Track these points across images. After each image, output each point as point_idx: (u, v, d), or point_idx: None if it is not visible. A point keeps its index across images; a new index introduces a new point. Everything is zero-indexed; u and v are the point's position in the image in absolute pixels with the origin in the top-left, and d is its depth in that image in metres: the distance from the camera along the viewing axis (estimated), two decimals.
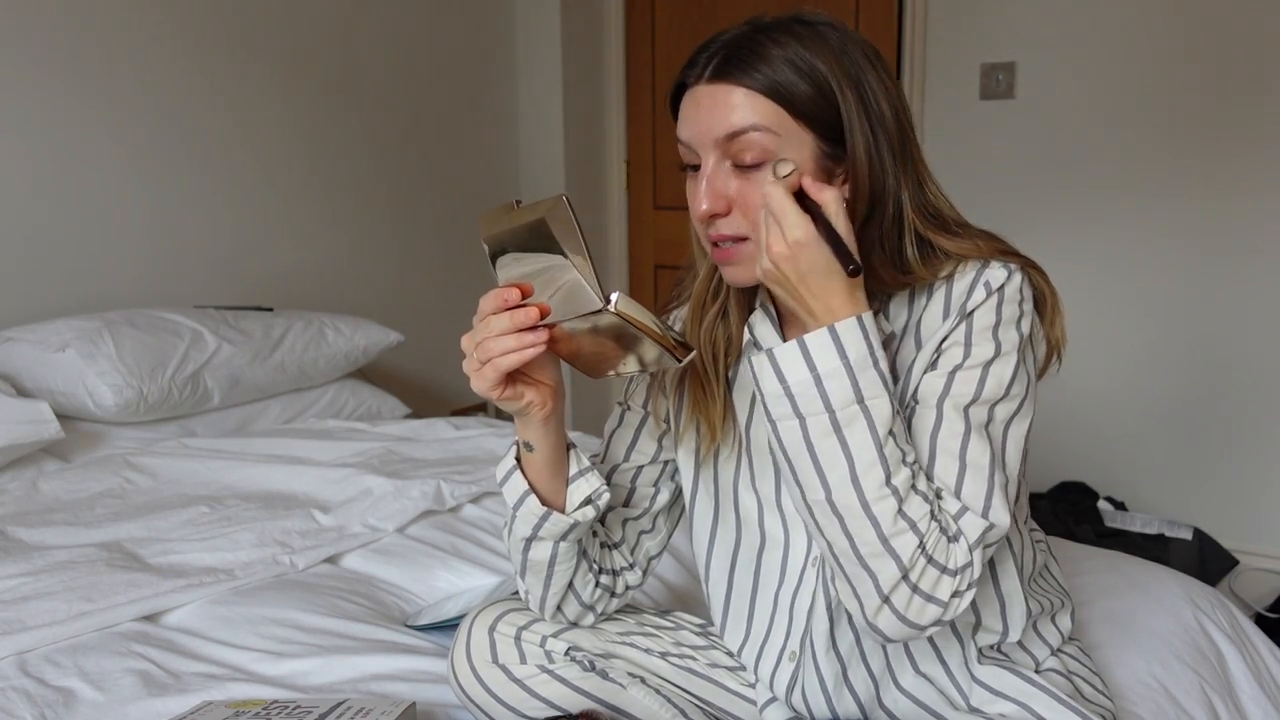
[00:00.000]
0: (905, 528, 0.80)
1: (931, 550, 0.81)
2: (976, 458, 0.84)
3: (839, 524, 0.82)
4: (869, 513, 0.80)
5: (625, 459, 1.07)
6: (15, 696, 1.09)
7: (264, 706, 1.00)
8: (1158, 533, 2.52)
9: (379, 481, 1.75)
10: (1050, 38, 2.71)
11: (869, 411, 0.81)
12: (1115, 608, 1.34)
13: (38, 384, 1.96)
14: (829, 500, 0.82)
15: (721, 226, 0.89)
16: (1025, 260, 0.91)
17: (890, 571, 0.81)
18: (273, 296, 2.64)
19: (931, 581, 0.81)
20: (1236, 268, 2.58)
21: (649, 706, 1.02)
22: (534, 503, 0.94)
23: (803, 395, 0.81)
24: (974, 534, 0.82)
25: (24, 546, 1.50)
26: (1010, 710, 0.93)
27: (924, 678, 0.98)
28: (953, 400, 0.85)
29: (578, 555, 0.99)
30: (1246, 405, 2.61)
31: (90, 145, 2.28)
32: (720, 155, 0.87)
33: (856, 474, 0.80)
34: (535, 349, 0.83)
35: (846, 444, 0.81)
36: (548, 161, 3.38)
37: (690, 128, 0.89)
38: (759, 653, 1.04)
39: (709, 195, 0.88)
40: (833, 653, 0.98)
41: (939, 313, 0.89)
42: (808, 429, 0.81)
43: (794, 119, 0.85)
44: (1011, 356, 0.86)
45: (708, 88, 0.87)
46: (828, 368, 0.81)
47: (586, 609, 1.04)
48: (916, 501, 0.81)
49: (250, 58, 2.59)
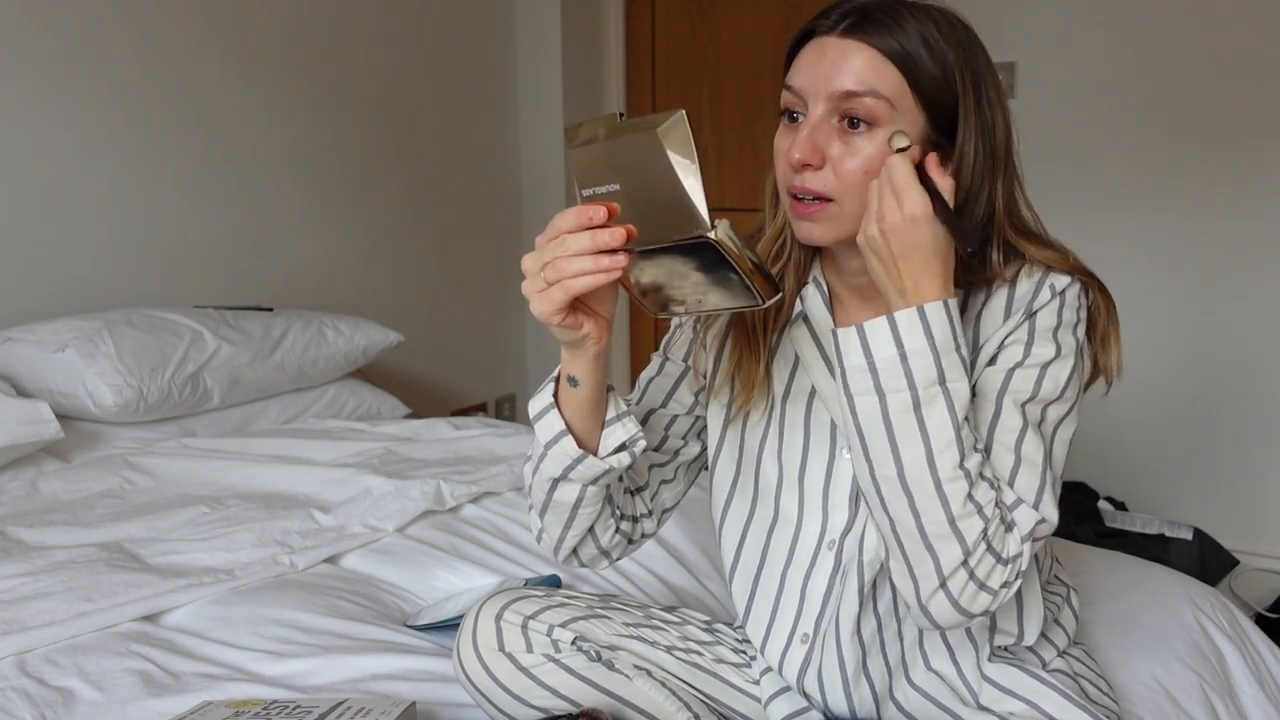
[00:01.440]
0: (973, 510, 0.81)
1: (992, 537, 0.81)
2: (1031, 453, 0.85)
3: (908, 502, 0.82)
4: (940, 492, 0.81)
5: (663, 405, 1.06)
6: (15, 696, 1.09)
7: (264, 706, 1.00)
8: (1158, 533, 2.52)
9: (379, 481, 1.75)
10: (1050, 38, 2.71)
11: (950, 393, 0.81)
12: (1115, 608, 1.34)
13: (37, 384, 1.96)
14: (900, 476, 0.82)
15: (810, 180, 0.87)
16: (1095, 279, 0.92)
17: (954, 553, 0.81)
18: (273, 296, 2.64)
19: (987, 569, 0.82)
20: (1236, 268, 2.58)
21: (654, 699, 1.02)
22: (570, 444, 0.91)
23: (886, 371, 0.81)
24: (1026, 526, 0.83)
25: (24, 546, 1.49)
26: (1020, 709, 0.93)
27: (935, 674, 0.98)
28: (1012, 395, 0.86)
29: (604, 500, 0.97)
30: (1247, 405, 2.61)
31: (90, 145, 2.27)
32: (830, 109, 0.86)
33: (932, 453, 0.81)
34: (613, 274, 0.78)
35: (924, 423, 0.81)
36: (548, 161, 3.38)
37: (808, 75, 0.87)
38: (766, 633, 1.03)
39: (806, 144, 0.86)
40: (857, 637, 0.98)
41: (1000, 311, 0.90)
42: (887, 405, 0.82)
43: (914, 95, 0.86)
44: (1069, 360, 0.88)
45: (838, 40, 0.86)
46: (914, 345, 0.81)
47: (602, 554, 1.03)
48: (984, 487, 0.82)
49: (250, 58, 2.59)
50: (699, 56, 3.28)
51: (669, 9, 3.33)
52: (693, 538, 1.58)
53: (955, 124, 0.88)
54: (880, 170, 0.85)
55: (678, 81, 3.34)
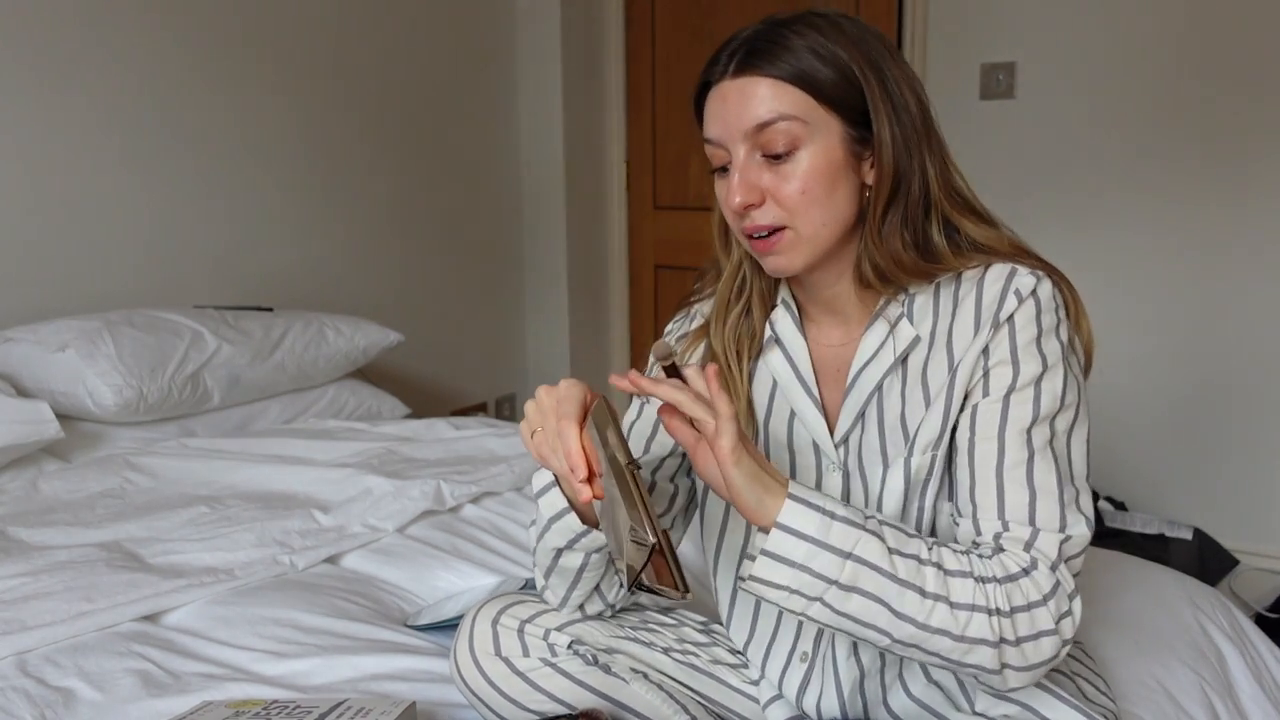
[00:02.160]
0: (967, 616, 0.81)
1: (1006, 605, 0.81)
2: (1044, 481, 0.85)
3: (919, 650, 0.83)
4: (930, 630, 0.81)
5: (646, 451, 1.07)
6: (15, 696, 1.09)
7: (264, 706, 1.00)
8: (1158, 533, 2.52)
9: (379, 481, 1.75)
10: (1050, 38, 2.71)
11: (863, 558, 0.80)
12: (1115, 608, 1.34)
13: (38, 384, 1.96)
14: (895, 641, 0.82)
15: (757, 217, 0.89)
16: (1048, 267, 0.91)
17: (986, 655, 0.82)
18: (273, 296, 2.64)
19: (1027, 624, 0.81)
20: (1237, 267, 2.58)
21: (651, 702, 1.02)
22: (573, 520, 0.94)
23: (803, 585, 0.81)
24: (1051, 554, 0.83)
25: (24, 546, 1.50)
26: (1014, 711, 0.93)
27: (935, 685, 0.98)
28: (1013, 427, 0.86)
29: (608, 562, 1.00)
30: (1247, 405, 2.61)
31: (90, 145, 2.28)
32: (750, 147, 0.88)
33: (895, 609, 0.81)
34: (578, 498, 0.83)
35: (867, 593, 0.81)
36: (548, 161, 3.38)
37: (718, 124, 0.89)
38: (766, 652, 1.04)
39: (742, 187, 0.88)
40: (854, 659, 0.99)
41: (970, 323, 0.90)
42: (829, 603, 0.81)
43: (820, 105, 0.87)
44: (1059, 368, 0.87)
45: (733, 82, 0.88)
46: (802, 553, 0.80)
47: (608, 606, 1.05)
48: (958, 585, 0.81)
49: (250, 58, 2.59)
50: (699, 56, 3.27)
51: (669, 10, 3.33)
52: (690, 537, 1.58)
53: (869, 115, 0.89)
54: (817, 182, 0.87)
55: (678, 81, 3.34)
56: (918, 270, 0.91)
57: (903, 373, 0.93)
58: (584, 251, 3.48)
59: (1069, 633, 0.83)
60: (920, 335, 0.92)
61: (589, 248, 3.50)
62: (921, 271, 0.91)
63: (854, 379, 0.95)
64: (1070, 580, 0.83)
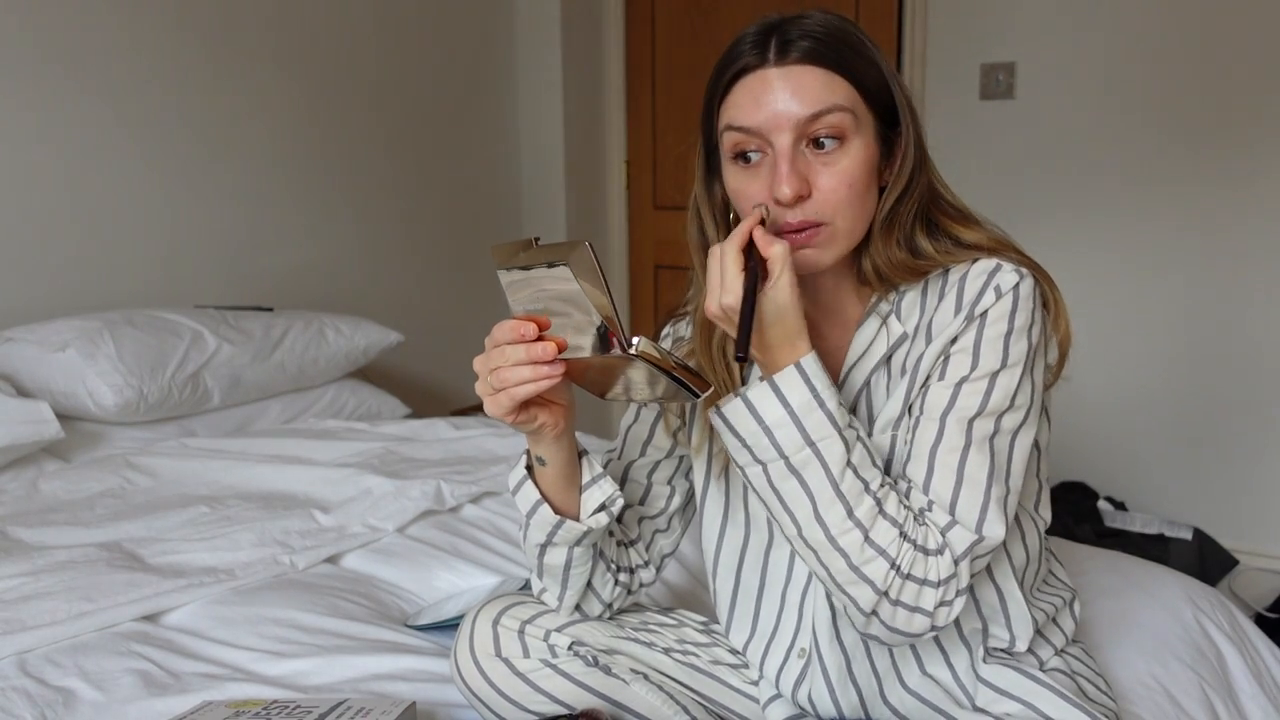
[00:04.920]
0: (873, 555, 0.82)
1: (908, 569, 0.83)
2: (974, 473, 0.85)
3: (814, 555, 0.85)
4: (836, 546, 0.83)
5: (641, 454, 1.07)
6: (15, 696, 1.09)
7: (264, 706, 1.00)
8: (1158, 533, 2.52)
9: (379, 481, 1.75)
10: (1050, 38, 2.71)
11: (820, 453, 0.82)
12: (1115, 608, 1.34)
13: (38, 384, 1.96)
14: (800, 536, 0.84)
15: (803, 211, 0.87)
16: (1031, 263, 0.91)
17: (867, 594, 0.83)
18: (273, 296, 2.64)
19: (913, 595, 0.83)
20: (1237, 267, 2.58)
21: (651, 703, 1.02)
22: (547, 512, 0.95)
23: (756, 445, 0.83)
24: (960, 547, 0.84)
25: (24, 546, 1.50)
26: (1015, 709, 0.93)
27: (930, 678, 0.98)
28: (956, 414, 0.86)
29: (594, 557, 1.00)
30: (1246, 405, 2.61)
31: (90, 145, 2.28)
32: (797, 138, 0.87)
33: (819, 511, 0.83)
34: (551, 381, 0.83)
35: (806, 484, 0.83)
36: (548, 161, 3.38)
37: (763, 112, 0.87)
38: (765, 650, 1.04)
39: (792, 178, 0.86)
40: (836, 644, 0.99)
41: (950, 312, 0.90)
42: (769, 473, 0.84)
43: (864, 101, 0.87)
44: (1018, 368, 0.87)
45: (782, 69, 0.86)
46: (774, 418, 0.82)
47: (606, 606, 1.05)
48: (883, 527, 0.83)
49: (251, 59, 2.58)
50: (699, 56, 3.28)
51: (669, 9, 3.33)
52: (691, 538, 1.58)
53: (896, 115, 0.90)
54: (859, 178, 0.87)
55: (678, 81, 3.35)
56: (909, 269, 0.91)
57: (888, 370, 0.94)
58: None
59: (942, 621, 0.84)
60: (907, 332, 0.93)
61: None
62: (912, 269, 0.91)
63: (844, 376, 0.95)
64: (967, 577, 0.84)
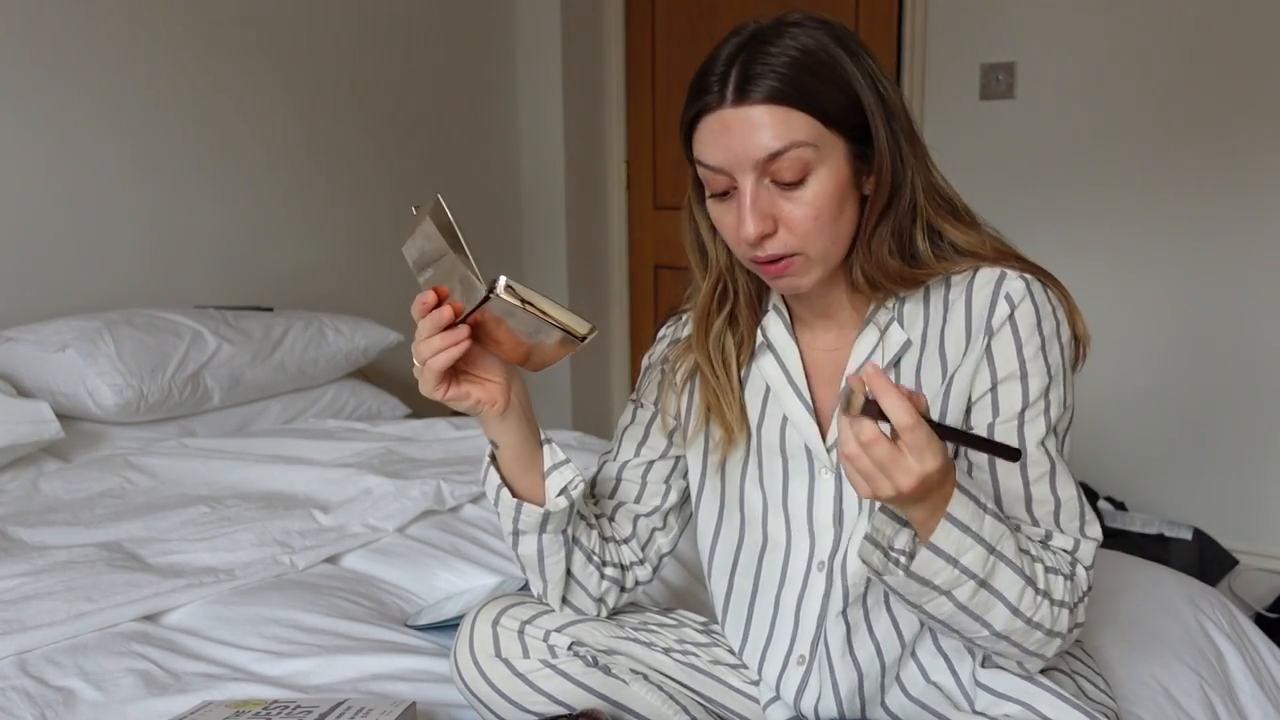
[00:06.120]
0: (1061, 611, 0.85)
1: (1073, 602, 0.86)
2: (1064, 488, 0.89)
3: (1006, 644, 0.85)
4: (1032, 624, 0.84)
5: (636, 454, 1.07)
6: (15, 696, 1.09)
7: (264, 706, 1.00)
8: (1158, 533, 2.52)
9: (379, 481, 1.75)
10: (1050, 38, 2.71)
11: (1002, 554, 0.82)
12: (1115, 608, 1.34)
13: (38, 384, 1.96)
14: (993, 635, 0.84)
15: (770, 246, 0.87)
16: (1034, 268, 0.91)
17: (1055, 646, 0.86)
18: (273, 296, 2.64)
19: (1066, 621, 0.86)
20: (1237, 267, 2.58)
21: (651, 703, 1.02)
22: (507, 495, 0.96)
23: (950, 583, 0.81)
24: (1089, 558, 0.88)
25: (24, 546, 1.50)
26: (1014, 711, 0.93)
27: (934, 685, 0.98)
28: (1032, 441, 0.89)
29: (566, 546, 0.99)
30: (1246, 405, 2.61)
31: (90, 145, 2.28)
32: (759, 175, 0.85)
33: (1013, 604, 0.83)
34: (459, 346, 0.84)
35: (995, 589, 0.82)
36: (548, 161, 3.38)
37: (720, 152, 0.85)
38: (762, 655, 1.04)
39: (755, 218, 0.85)
40: (849, 658, 0.98)
41: (961, 329, 0.90)
42: (955, 598, 0.82)
43: (827, 128, 0.84)
44: (1060, 375, 0.89)
45: (736, 111, 0.84)
46: (962, 550, 0.80)
47: (596, 601, 1.05)
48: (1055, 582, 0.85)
49: (251, 58, 2.58)
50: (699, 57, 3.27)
51: (669, 9, 3.33)
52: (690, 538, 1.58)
53: (868, 126, 0.86)
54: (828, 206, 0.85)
55: (678, 81, 3.34)
56: (904, 277, 0.90)
57: (895, 376, 0.93)
58: (584, 251, 3.48)
59: (1070, 635, 0.87)
60: (911, 339, 0.92)
61: (589, 248, 3.50)
62: (908, 278, 0.90)
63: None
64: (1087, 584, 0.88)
